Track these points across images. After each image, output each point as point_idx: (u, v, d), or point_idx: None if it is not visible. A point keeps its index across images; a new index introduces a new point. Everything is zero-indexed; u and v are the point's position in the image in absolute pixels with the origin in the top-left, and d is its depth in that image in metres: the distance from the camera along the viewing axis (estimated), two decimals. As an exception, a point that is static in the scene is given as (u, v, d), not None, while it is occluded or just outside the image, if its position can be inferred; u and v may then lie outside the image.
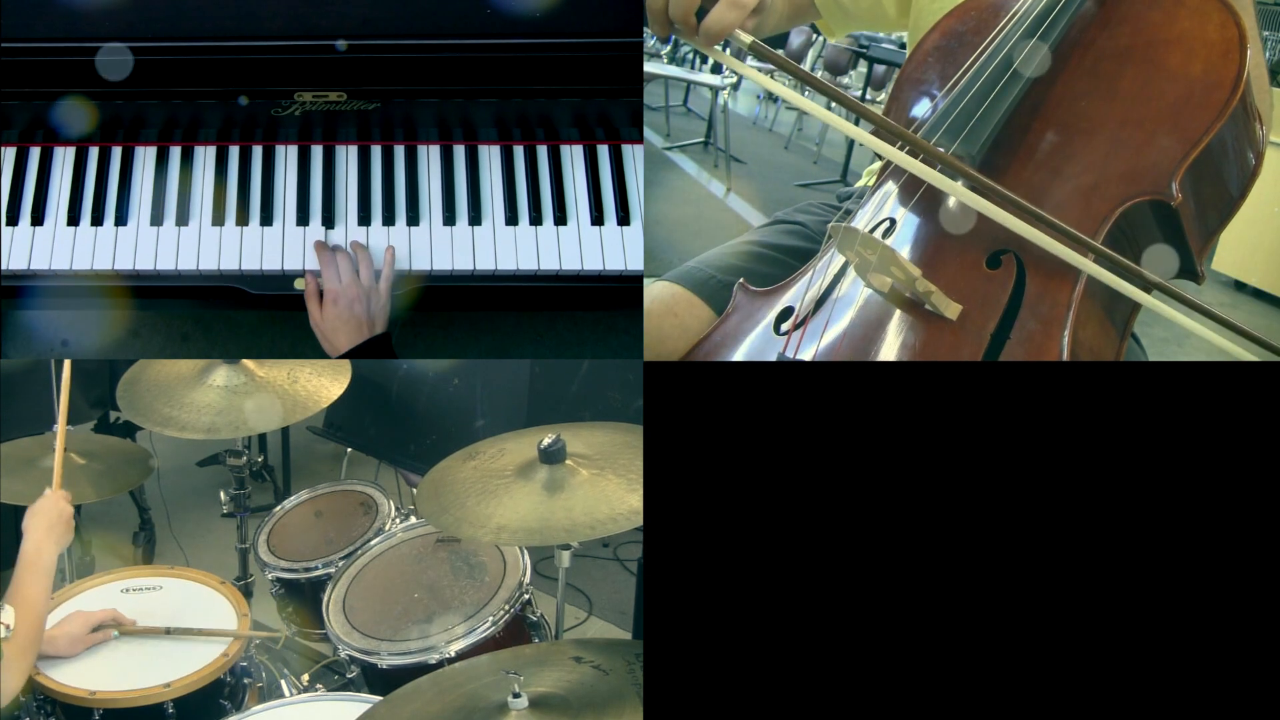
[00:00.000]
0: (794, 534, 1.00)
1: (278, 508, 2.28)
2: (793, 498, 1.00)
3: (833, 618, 1.00)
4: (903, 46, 1.73)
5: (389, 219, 1.63)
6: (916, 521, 0.99)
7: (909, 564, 1.00)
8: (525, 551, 1.92)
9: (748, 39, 1.14)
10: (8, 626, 1.54)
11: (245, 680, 1.81)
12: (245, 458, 2.28)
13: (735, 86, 6.29)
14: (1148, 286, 1.06)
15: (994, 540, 0.99)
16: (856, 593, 1.00)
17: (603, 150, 1.69)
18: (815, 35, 7.14)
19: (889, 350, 1.06)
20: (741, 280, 1.30)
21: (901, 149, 1.13)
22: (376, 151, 1.66)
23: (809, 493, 1.00)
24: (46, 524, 1.66)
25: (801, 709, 1.00)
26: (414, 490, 2.33)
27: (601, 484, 1.62)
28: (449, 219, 1.63)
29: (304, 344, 1.96)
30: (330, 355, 1.56)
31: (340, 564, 2.02)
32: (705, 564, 1.01)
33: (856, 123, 1.21)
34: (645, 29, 1.62)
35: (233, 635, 1.80)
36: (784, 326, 1.17)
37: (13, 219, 1.59)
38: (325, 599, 1.93)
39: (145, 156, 1.64)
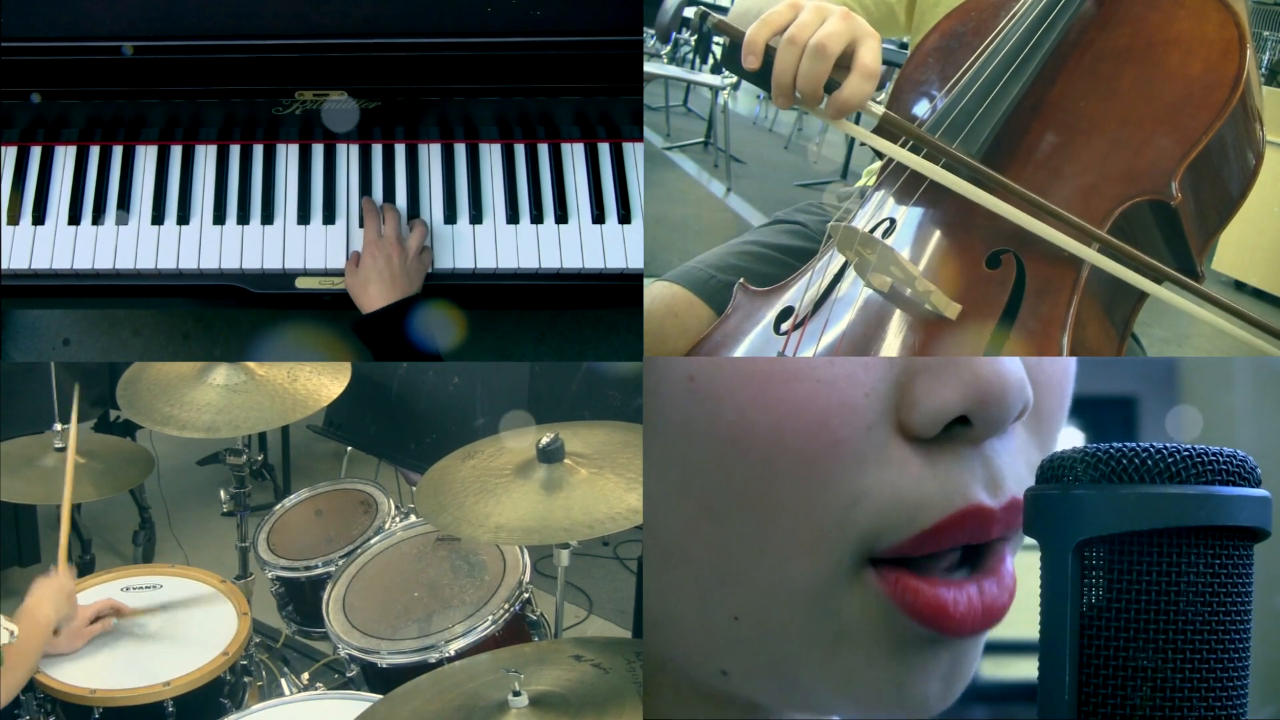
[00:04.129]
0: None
1: (278, 506, 2.28)
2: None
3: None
4: (903, 47, 1.72)
5: (390, 218, 1.62)
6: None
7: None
8: (525, 550, 1.92)
9: (880, 109, 1.12)
10: (11, 633, 1.55)
11: (245, 679, 1.81)
12: (245, 456, 2.28)
13: (735, 86, 6.28)
14: (1155, 277, 1.06)
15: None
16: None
17: (603, 148, 1.69)
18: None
19: (889, 350, 1.06)
20: (741, 280, 1.30)
21: (905, 145, 1.13)
22: (377, 150, 1.66)
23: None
24: (50, 592, 1.69)
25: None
26: (414, 489, 2.33)
27: (600, 483, 1.62)
28: (450, 217, 1.63)
29: (305, 342, 1.96)
30: (362, 311, 1.54)
31: (340, 563, 2.02)
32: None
33: (857, 121, 1.20)
34: (646, 27, 1.62)
35: (215, 586, 1.82)
36: (784, 326, 1.17)
37: (14, 218, 1.59)
38: (325, 598, 1.93)
39: (146, 155, 1.64)
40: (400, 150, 1.66)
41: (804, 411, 0.54)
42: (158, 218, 1.61)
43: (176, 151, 1.64)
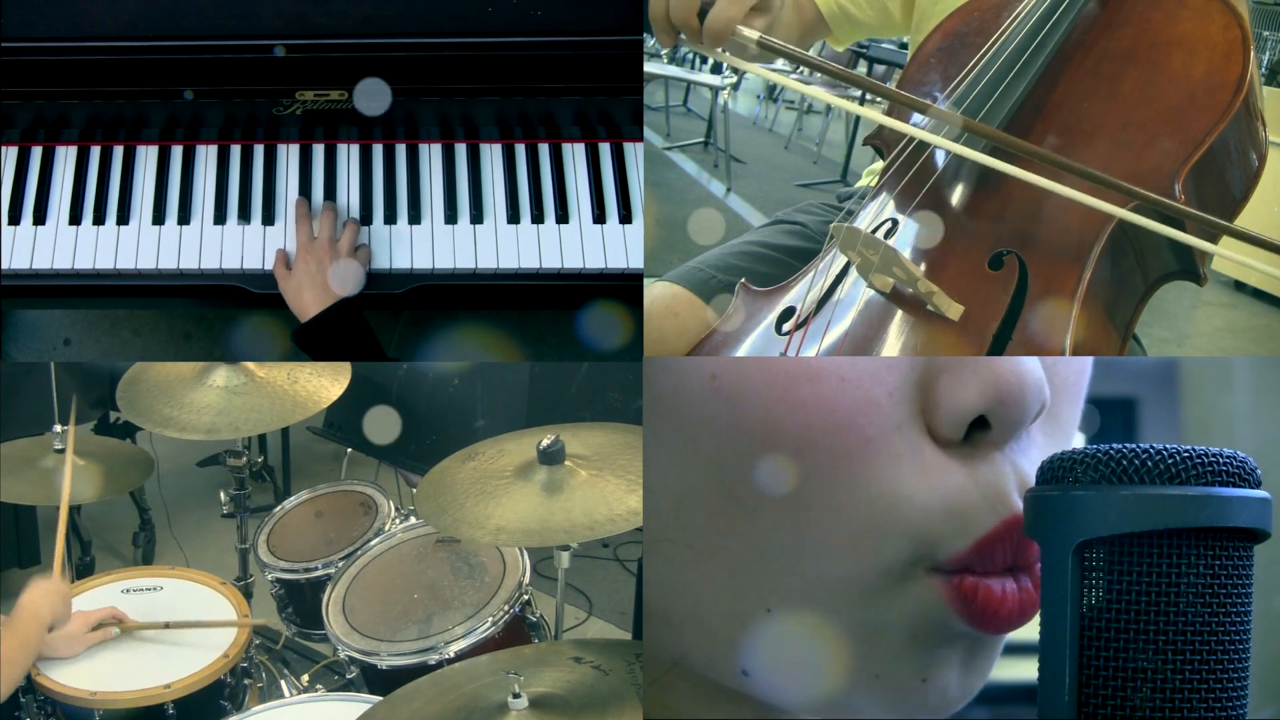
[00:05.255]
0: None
1: (278, 508, 2.28)
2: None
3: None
4: (903, 47, 1.72)
5: (391, 218, 1.62)
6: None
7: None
8: (525, 552, 1.91)
9: (754, 34, 1.12)
10: None
11: (245, 681, 1.81)
12: (245, 458, 2.28)
13: (735, 86, 6.28)
14: (1209, 235, 1.04)
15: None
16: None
17: (604, 148, 1.68)
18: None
19: (890, 351, 1.06)
20: (743, 280, 1.30)
21: (908, 147, 1.13)
22: (378, 150, 1.66)
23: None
24: (45, 590, 1.69)
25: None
26: (414, 491, 2.33)
27: (600, 485, 1.62)
28: (451, 217, 1.63)
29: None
30: (299, 319, 1.54)
31: (340, 564, 2.02)
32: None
33: (862, 101, 1.20)
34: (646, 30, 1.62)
35: (233, 624, 1.80)
36: (785, 326, 1.17)
37: (14, 218, 1.59)
38: (325, 599, 1.93)
39: (147, 156, 1.64)
40: (401, 150, 1.66)
41: (830, 410, 0.55)
42: (158, 218, 1.60)
43: (177, 151, 1.64)
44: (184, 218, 1.60)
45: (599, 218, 1.64)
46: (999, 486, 0.56)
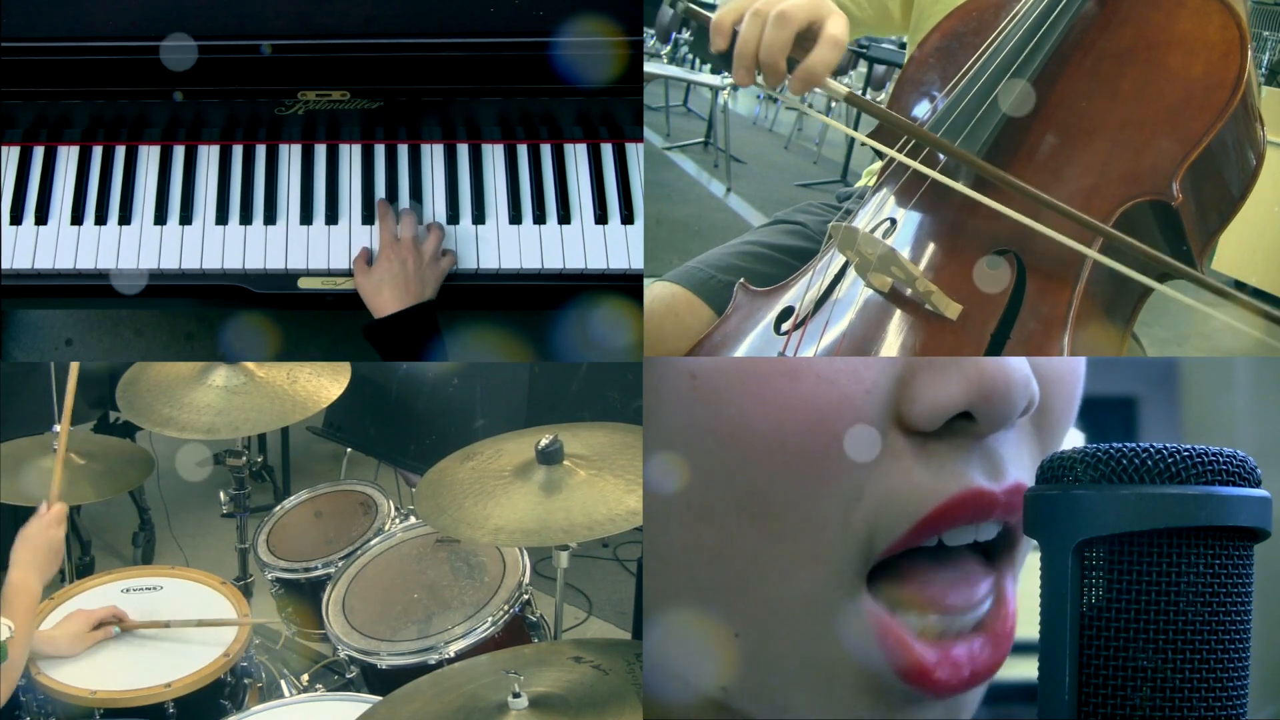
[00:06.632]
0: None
1: (277, 508, 2.28)
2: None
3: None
4: (903, 46, 1.73)
5: (392, 218, 1.62)
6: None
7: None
8: (525, 552, 1.92)
9: (842, 89, 1.13)
10: (10, 627, 1.54)
11: (245, 680, 1.81)
12: (245, 458, 2.28)
13: (735, 87, 6.28)
14: (1159, 276, 1.06)
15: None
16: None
17: (606, 148, 1.68)
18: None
19: (889, 350, 1.06)
20: (742, 280, 1.30)
21: (907, 144, 1.13)
22: (380, 150, 1.66)
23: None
24: (31, 552, 1.65)
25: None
26: (413, 490, 2.33)
27: (599, 485, 1.62)
28: (453, 217, 1.63)
29: (308, 343, 1.96)
30: (374, 314, 1.52)
31: (340, 564, 2.02)
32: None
33: (856, 126, 1.20)
34: (646, 27, 1.62)
35: (234, 623, 1.81)
36: (784, 326, 1.17)
37: (16, 218, 1.59)
38: (325, 599, 1.93)
39: (149, 155, 1.64)
40: (403, 150, 1.66)
41: (805, 408, 0.54)
42: (160, 218, 1.60)
43: (179, 152, 1.64)
44: (186, 218, 1.60)
45: (601, 218, 1.64)
46: (955, 467, 0.56)
